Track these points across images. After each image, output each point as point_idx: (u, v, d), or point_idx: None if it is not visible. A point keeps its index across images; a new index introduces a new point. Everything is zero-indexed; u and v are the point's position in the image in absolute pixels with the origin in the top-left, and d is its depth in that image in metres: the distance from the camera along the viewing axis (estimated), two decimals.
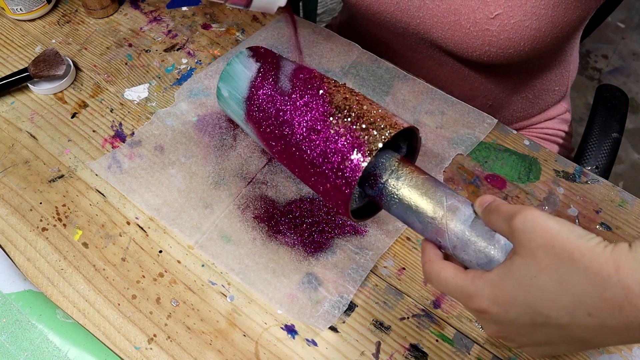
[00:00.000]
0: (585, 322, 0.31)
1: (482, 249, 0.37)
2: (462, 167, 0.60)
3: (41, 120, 0.63)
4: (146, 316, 0.51)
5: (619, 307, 0.30)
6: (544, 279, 0.32)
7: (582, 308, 0.31)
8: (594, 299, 0.30)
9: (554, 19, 0.58)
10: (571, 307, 0.31)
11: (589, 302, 0.30)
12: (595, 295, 0.30)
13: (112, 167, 0.59)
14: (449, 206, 0.39)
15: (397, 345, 0.50)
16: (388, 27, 0.69)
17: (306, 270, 0.53)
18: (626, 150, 1.58)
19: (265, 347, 0.50)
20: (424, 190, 0.40)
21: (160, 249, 0.55)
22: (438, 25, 0.63)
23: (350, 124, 0.44)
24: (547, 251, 0.32)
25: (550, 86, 0.75)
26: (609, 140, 0.74)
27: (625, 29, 1.85)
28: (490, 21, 0.58)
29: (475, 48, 0.61)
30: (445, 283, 0.37)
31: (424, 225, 0.40)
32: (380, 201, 0.43)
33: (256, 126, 0.49)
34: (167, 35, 0.71)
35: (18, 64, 0.67)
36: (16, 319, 0.49)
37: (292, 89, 0.47)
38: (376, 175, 0.43)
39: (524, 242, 0.33)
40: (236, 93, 0.51)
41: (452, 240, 0.38)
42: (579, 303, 0.31)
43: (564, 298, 0.31)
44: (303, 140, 0.45)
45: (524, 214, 0.33)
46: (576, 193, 0.59)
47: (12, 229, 0.55)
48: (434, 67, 0.70)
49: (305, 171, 0.46)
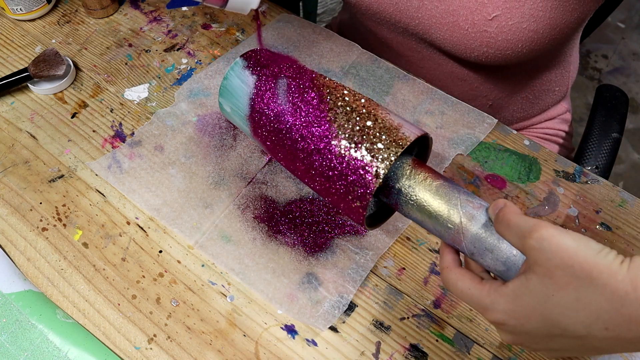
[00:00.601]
0: (602, 335, 0.32)
1: (499, 257, 0.37)
2: (462, 167, 0.60)
3: (41, 120, 0.63)
4: (146, 316, 0.51)
5: (636, 321, 0.30)
6: (562, 296, 0.32)
7: (599, 323, 0.31)
8: (611, 314, 0.31)
9: (552, 21, 0.58)
10: (588, 322, 0.32)
11: (606, 318, 0.31)
12: (613, 311, 0.31)
13: (112, 167, 0.59)
14: (464, 213, 0.39)
15: (397, 345, 0.50)
16: (388, 27, 0.69)
17: (306, 270, 0.53)
18: (626, 150, 1.58)
19: (265, 347, 0.50)
20: (438, 196, 0.40)
21: (160, 249, 0.55)
22: (436, 26, 0.63)
23: (360, 136, 0.42)
24: (565, 271, 0.32)
25: (550, 87, 0.75)
26: (609, 140, 0.74)
27: (625, 29, 1.85)
28: (488, 22, 0.58)
29: (473, 49, 0.61)
30: (462, 293, 0.37)
31: (441, 230, 0.40)
32: (396, 208, 0.43)
33: (262, 142, 0.48)
34: (167, 35, 0.71)
35: (18, 64, 0.67)
36: (16, 319, 0.49)
37: (294, 102, 0.46)
38: (389, 185, 0.42)
39: (540, 261, 0.33)
40: (238, 110, 0.50)
41: (469, 247, 0.38)
42: (595, 319, 0.31)
43: (582, 314, 0.32)
44: (313, 155, 0.44)
45: (539, 233, 0.33)
46: (576, 193, 0.59)
47: (12, 229, 0.55)
48: (433, 68, 0.70)
49: (320, 186, 0.45)
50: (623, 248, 0.55)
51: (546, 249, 0.33)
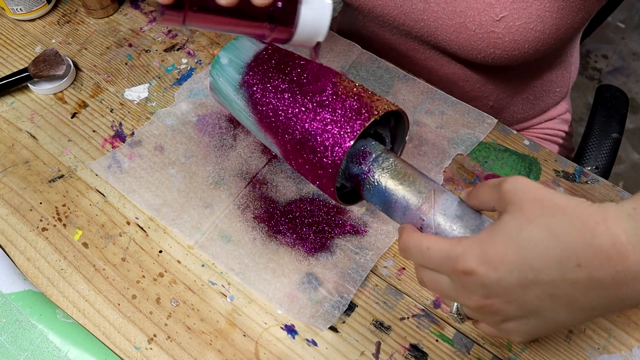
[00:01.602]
0: (575, 276, 0.31)
1: (469, 225, 0.36)
2: (462, 167, 0.60)
3: (41, 120, 0.63)
4: (146, 316, 0.51)
5: (607, 256, 0.30)
6: (534, 230, 0.32)
7: (571, 258, 0.31)
8: (583, 247, 0.30)
9: (558, 21, 0.58)
10: (560, 258, 0.31)
11: (579, 251, 0.31)
12: (584, 243, 0.30)
13: (112, 167, 0.59)
14: (437, 185, 0.39)
15: (397, 345, 0.50)
16: (390, 30, 0.69)
17: (306, 270, 0.53)
18: (626, 150, 1.58)
19: (265, 347, 0.50)
20: (411, 167, 0.41)
21: (160, 249, 0.55)
22: (443, 27, 0.63)
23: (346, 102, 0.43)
24: (535, 204, 0.32)
25: (551, 87, 0.75)
26: (609, 140, 0.74)
27: (625, 29, 1.85)
28: (496, 23, 0.58)
29: (480, 50, 0.61)
30: (428, 251, 0.35)
31: (409, 200, 0.39)
32: (367, 175, 0.42)
33: (250, 92, 0.48)
34: (167, 35, 0.71)
35: (18, 64, 0.67)
36: (16, 319, 0.49)
37: (294, 69, 0.47)
38: (366, 151, 0.43)
39: (512, 199, 0.33)
40: (238, 60, 0.50)
41: (437, 216, 0.37)
42: (568, 253, 0.31)
43: (553, 249, 0.31)
44: (299, 114, 0.45)
45: (513, 178, 0.34)
46: (576, 193, 0.59)
47: (12, 229, 0.55)
48: (435, 69, 0.70)
49: (292, 148, 0.45)
50: None
51: (518, 189, 0.33)
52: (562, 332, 0.51)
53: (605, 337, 0.51)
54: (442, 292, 0.37)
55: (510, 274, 0.32)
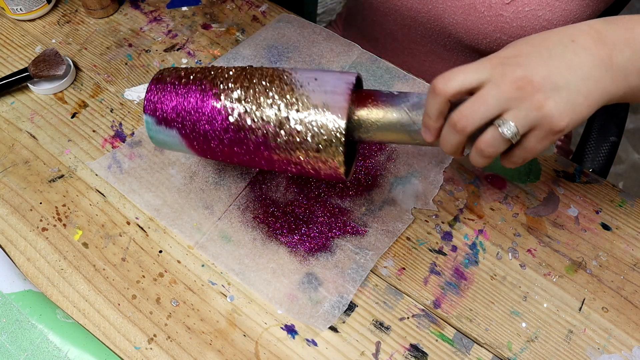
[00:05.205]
0: (569, 47, 0.40)
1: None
2: (462, 167, 0.60)
3: (41, 120, 0.63)
4: (146, 316, 0.51)
5: (587, 33, 0.40)
6: (536, 37, 0.41)
7: (566, 36, 0.40)
8: (572, 31, 0.41)
9: (567, 13, 0.59)
10: (560, 38, 0.40)
11: (571, 34, 0.40)
12: (573, 29, 0.41)
13: (112, 167, 0.59)
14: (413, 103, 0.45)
15: (397, 345, 0.50)
16: (396, 17, 0.68)
17: (306, 270, 0.53)
18: (626, 150, 1.57)
19: (265, 347, 0.50)
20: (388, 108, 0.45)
21: (160, 249, 0.55)
22: (451, 9, 0.63)
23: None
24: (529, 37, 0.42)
25: None
26: (606, 144, 0.74)
27: None
28: (506, 7, 0.59)
29: (486, 34, 0.62)
30: (465, 67, 0.41)
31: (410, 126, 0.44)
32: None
33: (220, 150, 0.48)
34: (167, 35, 0.71)
35: (18, 64, 0.67)
36: (16, 319, 0.49)
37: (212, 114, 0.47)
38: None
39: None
40: (180, 148, 0.50)
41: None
42: (562, 34, 0.41)
43: (556, 34, 0.41)
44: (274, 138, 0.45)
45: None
46: (576, 193, 0.59)
47: (12, 229, 0.55)
48: (436, 62, 0.70)
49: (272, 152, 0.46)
50: (623, 248, 0.55)
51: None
52: (563, 328, 0.51)
53: (605, 337, 0.51)
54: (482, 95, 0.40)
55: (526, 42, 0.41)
